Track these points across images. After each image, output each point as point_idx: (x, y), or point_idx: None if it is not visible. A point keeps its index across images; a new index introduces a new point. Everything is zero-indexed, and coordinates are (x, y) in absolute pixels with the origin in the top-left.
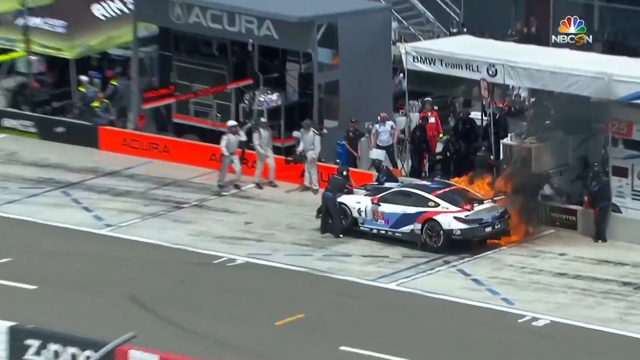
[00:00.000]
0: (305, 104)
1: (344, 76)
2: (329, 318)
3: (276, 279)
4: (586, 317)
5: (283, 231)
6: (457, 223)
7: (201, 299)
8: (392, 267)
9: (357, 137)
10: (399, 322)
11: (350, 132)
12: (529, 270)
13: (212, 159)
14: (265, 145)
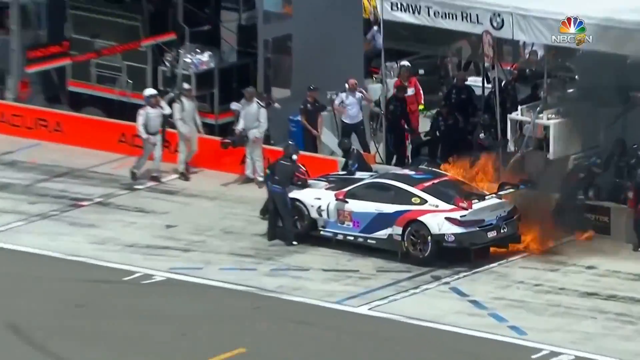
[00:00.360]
0: (246, 67)
1: (299, 30)
2: (278, 353)
3: (208, 302)
4: (621, 351)
5: (217, 237)
6: (450, 226)
7: (106, 330)
8: (364, 285)
9: (316, 110)
10: (372, 359)
11: (308, 104)
12: (546, 288)
13: (122, 141)
14: (190, 121)
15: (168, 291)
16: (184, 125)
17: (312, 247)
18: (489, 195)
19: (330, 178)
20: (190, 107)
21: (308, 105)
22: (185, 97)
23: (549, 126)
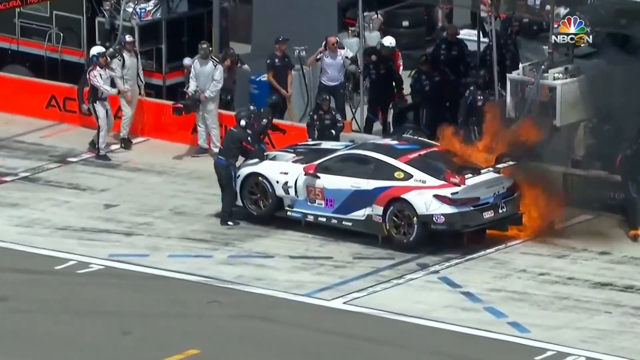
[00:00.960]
0: (199, 18)
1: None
2: (237, 356)
3: (155, 295)
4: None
5: (166, 219)
6: (439, 205)
7: (33, 328)
8: (338, 275)
9: (286, 66)
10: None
11: (276, 59)
12: (552, 278)
13: (52, 105)
14: (132, 79)
15: (108, 282)
16: (125, 84)
17: (278, 230)
18: (485, 169)
19: (298, 149)
20: (132, 63)
21: (276, 60)
22: (127, 52)
23: (555, 88)
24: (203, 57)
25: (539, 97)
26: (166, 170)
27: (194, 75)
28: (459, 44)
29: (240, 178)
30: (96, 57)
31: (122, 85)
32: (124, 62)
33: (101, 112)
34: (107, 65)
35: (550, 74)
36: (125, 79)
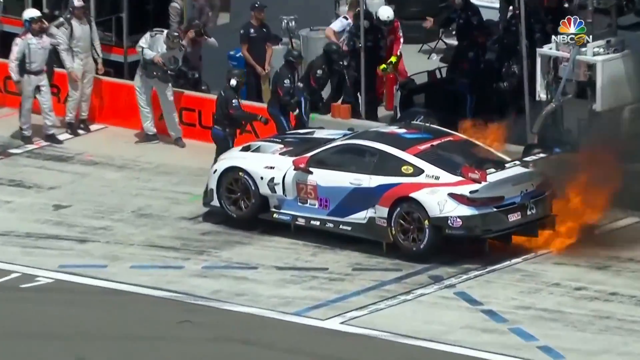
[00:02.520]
0: None
1: None
2: None
3: (114, 313)
4: None
5: (128, 222)
6: (455, 205)
7: None
8: (335, 290)
9: (263, 38)
10: None
11: (251, 29)
12: (591, 293)
13: None
14: (84, 52)
15: (58, 299)
16: (75, 59)
17: (262, 236)
18: (511, 163)
19: (286, 138)
20: (84, 33)
21: (251, 30)
22: (77, 20)
23: (595, 65)
24: (171, 47)
25: (576, 77)
26: (128, 164)
27: (150, 46)
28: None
29: (217, 173)
30: (28, 22)
31: (68, 60)
32: (72, 31)
33: (27, 87)
34: (43, 31)
35: (589, 48)
36: (75, 52)
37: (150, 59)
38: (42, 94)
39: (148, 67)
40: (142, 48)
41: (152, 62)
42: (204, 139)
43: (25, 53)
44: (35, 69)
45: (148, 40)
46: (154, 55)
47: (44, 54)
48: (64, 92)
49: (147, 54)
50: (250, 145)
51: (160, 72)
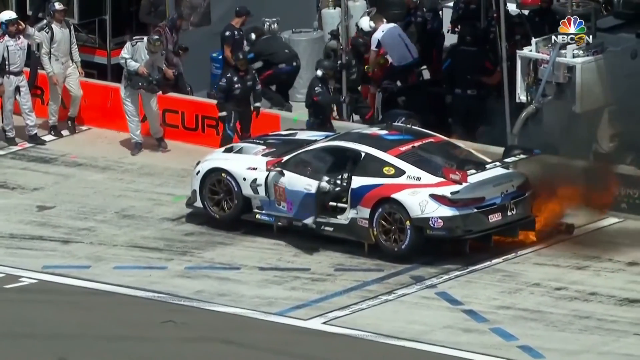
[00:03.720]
0: None
1: None
2: None
3: (98, 313)
4: None
5: (112, 223)
6: (436, 206)
7: None
8: (317, 290)
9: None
10: None
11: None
12: (570, 294)
13: None
14: (64, 56)
15: (41, 299)
16: (54, 63)
17: (245, 237)
18: (491, 164)
19: (269, 140)
20: (63, 36)
21: (235, 33)
22: (57, 23)
23: (574, 67)
24: (153, 50)
25: (556, 79)
26: (111, 166)
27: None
28: (420, 9)
29: (200, 174)
30: (5, 24)
31: (48, 64)
32: (52, 35)
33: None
34: (20, 32)
35: (568, 50)
36: (55, 55)
37: (135, 70)
38: (21, 94)
39: (133, 78)
40: (125, 59)
41: (136, 73)
42: (188, 140)
43: (4, 55)
44: (14, 70)
45: (130, 50)
46: (138, 66)
47: (22, 55)
48: (47, 94)
49: (131, 66)
50: (233, 146)
51: (146, 83)
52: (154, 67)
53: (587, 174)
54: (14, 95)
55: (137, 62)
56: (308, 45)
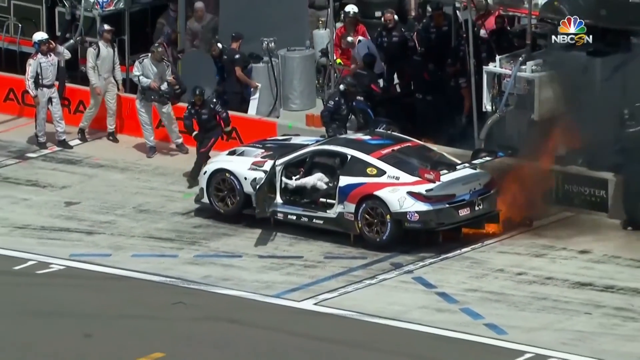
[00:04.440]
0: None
1: None
2: (203, 359)
3: (117, 296)
4: (622, 354)
5: (130, 217)
6: (413, 202)
7: None
8: (308, 275)
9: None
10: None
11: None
12: (530, 278)
13: (10, 98)
14: (107, 72)
15: (68, 283)
16: (98, 76)
17: (246, 228)
18: (461, 165)
19: (267, 144)
20: (108, 55)
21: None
22: (104, 42)
23: (533, 80)
24: (157, 59)
25: (517, 90)
26: (129, 167)
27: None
28: (399, 29)
29: (207, 174)
30: (38, 44)
31: (95, 77)
32: (99, 52)
33: (41, 99)
34: (51, 50)
35: (528, 66)
36: (97, 69)
37: (147, 85)
38: (53, 104)
39: (146, 92)
40: (137, 77)
41: (149, 88)
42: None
43: (37, 71)
44: (47, 83)
45: (139, 67)
46: (149, 82)
47: (53, 70)
48: (74, 104)
49: (144, 82)
50: (235, 149)
51: (157, 96)
52: (162, 80)
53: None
54: (46, 105)
55: (148, 78)
56: (301, 62)
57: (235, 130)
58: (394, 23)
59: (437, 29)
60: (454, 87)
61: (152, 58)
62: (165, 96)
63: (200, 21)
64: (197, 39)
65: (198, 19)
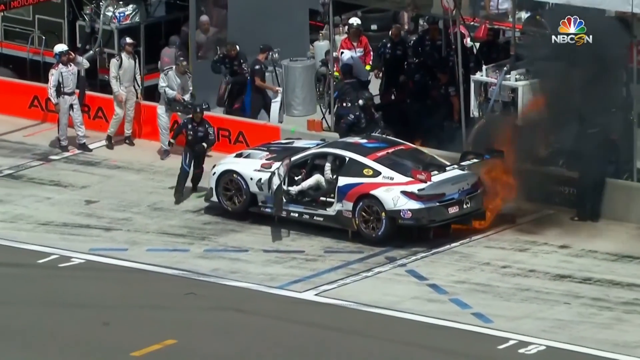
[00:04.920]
0: (176, 22)
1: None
2: (212, 345)
3: (133, 287)
4: (598, 340)
5: (144, 214)
6: (406, 201)
7: (16, 319)
8: (310, 268)
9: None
10: (319, 352)
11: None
12: (514, 270)
13: (35, 105)
14: (128, 82)
15: (88, 276)
16: (120, 85)
17: (252, 225)
18: (450, 166)
19: (271, 147)
20: (129, 65)
21: (262, 65)
22: (126, 54)
23: (517, 88)
24: (181, 71)
25: (502, 98)
26: (144, 168)
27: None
28: (403, 44)
29: (216, 175)
30: (58, 55)
31: (117, 86)
32: (121, 63)
33: (63, 106)
34: (70, 61)
35: (512, 75)
36: (120, 79)
37: (173, 97)
38: (74, 111)
39: (172, 104)
40: (163, 89)
41: (174, 99)
42: None
43: (59, 80)
44: (68, 91)
45: (164, 79)
46: (174, 94)
47: (73, 79)
48: (94, 110)
49: (170, 94)
50: (242, 152)
51: (182, 107)
52: (185, 90)
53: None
54: (68, 111)
55: (172, 90)
56: (302, 71)
57: (242, 134)
58: (399, 38)
59: (432, 42)
60: (443, 94)
61: (177, 70)
62: (189, 107)
63: (206, 33)
64: (202, 49)
65: (204, 32)
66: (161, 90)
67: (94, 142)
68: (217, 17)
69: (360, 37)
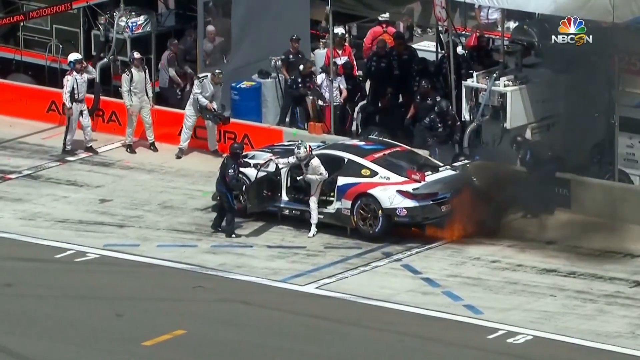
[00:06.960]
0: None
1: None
2: (219, 335)
3: (145, 281)
4: (582, 331)
5: (155, 212)
6: (401, 199)
7: (35, 311)
8: (311, 263)
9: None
10: (319, 342)
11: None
12: (503, 265)
13: (52, 110)
14: (140, 92)
15: (102, 270)
16: (133, 97)
17: (256, 222)
18: (443, 167)
19: (275, 149)
20: (140, 77)
21: (290, 56)
22: (135, 67)
23: (505, 94)
24: (215, 81)
25: (491, 102)
26: (155, 169)
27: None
28: (388, 58)
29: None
30: (72, 63)
31: (128, 98)
32: (132, 77)
33: (74, 112)
34: (83, 69)
35: (501, 81)
36: (133, 92)
37: (205, 105)
38: (83, 116)
39: (203, 111)
40: (197, 95)
41: (205, 107)
42: None
43: (74, 86)
44: (80, 98)
45: (199, 86)
46: (207, 102)
47: (85, 86)
48: (107, 114)
49: (202, 102)
50: (247, 154)
51: (212, 115)
52: (216, 98)
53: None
54: (78, 117)
55: (205, 99)
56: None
57: (247, 137)
58: (384, 51)
59: (398, 57)
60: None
61: (212, 80)
62: (218, 117)
63: (213, 42)
64: (209, 57)
65: (211, 40)
66: (195, 96)
67: (106, 145)
68: (221, 26)
69: (344, 46)
